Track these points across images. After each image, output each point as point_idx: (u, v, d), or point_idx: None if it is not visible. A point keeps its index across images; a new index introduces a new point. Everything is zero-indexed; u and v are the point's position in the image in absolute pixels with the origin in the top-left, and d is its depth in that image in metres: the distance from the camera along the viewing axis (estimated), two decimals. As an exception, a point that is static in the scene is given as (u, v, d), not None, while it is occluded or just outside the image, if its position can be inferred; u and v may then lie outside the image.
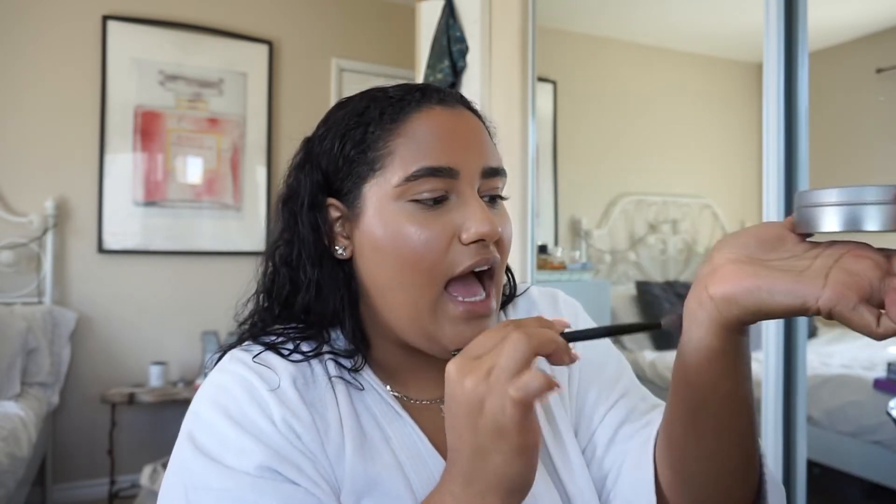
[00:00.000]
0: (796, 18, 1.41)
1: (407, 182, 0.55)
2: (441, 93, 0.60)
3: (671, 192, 3.58)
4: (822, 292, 0.39)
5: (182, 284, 3.06)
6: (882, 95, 2.91)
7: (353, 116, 0.59)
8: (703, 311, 0.44)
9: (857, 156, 3.06)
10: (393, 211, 0.55)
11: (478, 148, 0.58)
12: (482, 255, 0.55)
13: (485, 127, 0.62)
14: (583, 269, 2.23)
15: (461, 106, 0.60)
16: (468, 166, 0.56)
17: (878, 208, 0.39)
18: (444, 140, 0.56)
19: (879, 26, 2.92)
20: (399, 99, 0.58)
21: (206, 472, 0.50)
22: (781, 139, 1.41)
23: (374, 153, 0.56)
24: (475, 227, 0.54)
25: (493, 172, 0.58)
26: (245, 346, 0.59)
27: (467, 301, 0.56)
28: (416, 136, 0.56)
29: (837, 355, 2.72)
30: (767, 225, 0.46)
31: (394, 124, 0.57)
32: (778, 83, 1.41)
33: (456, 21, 2.33)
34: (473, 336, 0.53)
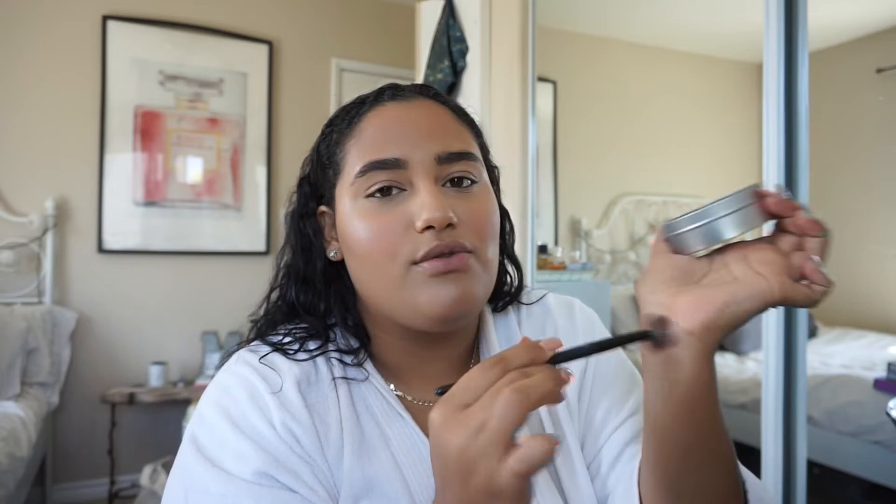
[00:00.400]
0: (796, 18, 1.41)
1: (357, 179, 0.56)
2: (397, 88, 0.61)
3: (671, 192, 3.58)
4: (770, 286, 0.43)
5: (182, 284, 3.06)
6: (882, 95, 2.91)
7: (326, 126, 0.63)
8: (687, 349, 0.44)
9: (857, 156, 3.07)
10: (353, 209, 0.57)
11: (429, 135, 0.57)
12: (439, 240, 0.54)
13: (452, 113, 0.61)
14: (583, 269, 2.23)
15: (421, 97, 0.60)
16: (417, 155, 0.56)
17: (729, 218, 0.45)
18: (389, 133, 0.57)
19: (879, 26, 2.92)
20: (359, 103, 0.61)
21: (205, 475, 0.50)
22: (781, 139, 1.41)
23: (336, 157, 0.59)
24: (424, 213, 0.54)
25: (452, 158, 0.57)
26: (252, 347, 0.60)
27: (433, 260, 0.54)
28: (365, 134, 0.58)
29: (837, 355, 2.72)
30: (662, 255, 0.48)
31: (349, 127, 0.59)
32: (778, 83, 1.41)
33: (456, 21, 2.33)
34: (451, 294, 0.54)
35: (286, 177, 3.26)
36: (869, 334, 2.98)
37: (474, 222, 0.57)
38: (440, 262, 0.54)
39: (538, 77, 2.33)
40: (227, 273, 3.14)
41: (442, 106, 0.61)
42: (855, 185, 3.06)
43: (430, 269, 0.54)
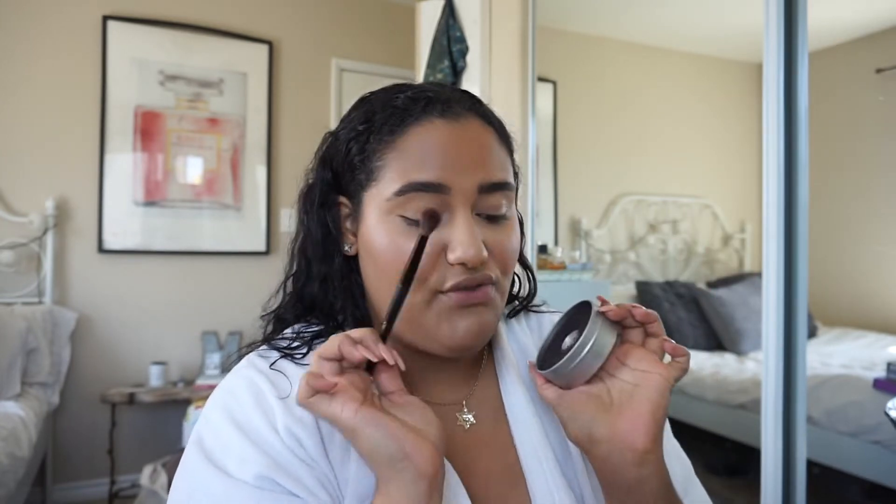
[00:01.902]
0: (796, 18, 1.41)
1: (397, 196, 0.54)
2: (446, 103, 0.57)
3: (671, 192, 3.58)
4: (662, 378, 0.53)
5: (182, 284, 3.06)
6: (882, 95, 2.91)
7: (362, 121, 0.58)
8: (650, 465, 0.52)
9: (857, 156, 3.07)
10: (386, 224, 0.56)
11: (476, 162, 0.56)
12: (468, 276, 0.54)
13: (497, 136, 0.60)
14: (583, 269, 2.23)
15: (470, 115, 0.58)
16: (462, 182, 0.55)
17: (596, 347, 0.54)
18: (436, 155, 0.55)
19: (879, 26, 2.92)
20: (403, 109, 0.57)
21: (208, 477, 0.51)
22: (781, 139, 1.41)
23: (371, 164, 0.57)
24: (460, 250, 0.53)
25: (493, 188, 0.56)
26: (262, 352, 0.60)
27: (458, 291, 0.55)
28: (409, 150, 0.55)
29: (837, 355, 2.72)
30: (559, 394, 0.56)
31: (391, 136, 0.56)
32: (778, 83, 1.41)
33: (456, 21, 2.33)
34: (470, 327, 0.56)
35: (286, 177, 3.26)
36: (869, 334, 2.99)
37: (501, 255, 0.57)
38: (464, 296, 0.55)
39: (538, 77, 2.33)
40: (227, 273, 3.14)
41: (488, 126, 0.59)
42: (855, 185, 3.06)
43: (455, 301, 0.55)
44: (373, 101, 0.60)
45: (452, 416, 0.61)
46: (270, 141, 3.23)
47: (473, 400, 0.63)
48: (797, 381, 1.40)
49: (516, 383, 0.63)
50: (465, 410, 0.62)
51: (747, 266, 3.73)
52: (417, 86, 0.60)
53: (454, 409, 0.62)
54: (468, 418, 0.62)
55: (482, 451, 0.60)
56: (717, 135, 3.67)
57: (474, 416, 0.62)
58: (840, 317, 3.16)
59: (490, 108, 0.62)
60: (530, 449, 0.59)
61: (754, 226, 3.71)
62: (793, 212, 1.41)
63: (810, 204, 1.40)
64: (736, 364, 2.88)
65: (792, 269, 1.41)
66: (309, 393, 0.49)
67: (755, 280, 3.29)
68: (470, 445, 0.60)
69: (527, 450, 0.59)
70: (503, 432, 0.61)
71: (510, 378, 0.63)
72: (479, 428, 0.61)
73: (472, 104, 0.59)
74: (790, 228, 1.41)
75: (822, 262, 2.67)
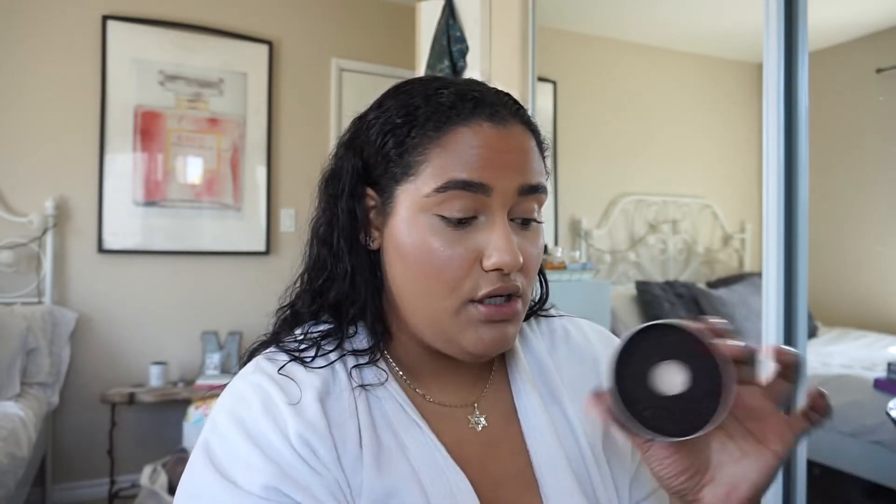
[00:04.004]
0: (796, 18, 1.41)
1: (437, 193, 0.53)
2: (494, 107, 0.56)
3: (671, 192, 3.58)
4: (776, 455, 0.46)
5: (182, 284, 3.06)
6: (882, 95, 2.91)
7: (402, 113, 0.56)
8: None
9: (857, 156, 3.07)
10: (420, 221, 0.54)
11: (518, 165, 0.55)
12: (502, 283, 0.54)
13: (536, 142, 0.59)
14: (583, 269, 2.23)
15: (515, 120, 0.57)
16: (503, 184, 0.54)
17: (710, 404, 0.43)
18: (481, 156, 0.54)
19: (879, 26, 2.92)
20: (449, 107, 0.55)
21: (214, 485, 0.50)
22: (781, 139, 1.41)
23: (411, 158, 0.55)
24: (497, 256, 0.53)
25: (531, 190, 0.56)
26: (270, 354, 0.59)
27: (489, 305, 0.55)
28: (455, 149, 0.54)
29: (837, 355, 2.72)
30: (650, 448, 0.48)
31: (436, 133, 0.54)
32: (778, 83, 1.41)
33: (456, 21, 2.33)
34: (494, 339, 0.55)
35: (286, 177, 3.27)
36: (869, 334, 2.98)
37: (529, 263, 0.56)
38: (494, 310, 0.54)
39: (538, 77, 2.33)
40: (227, 273, 3.14)
41: (529, 132, 0.58)
42: (855, 185, 3.06)
43: (485, 316, 0.54)
44: (412, 92, 0.58)
45: (464, 417, 0.61)
46: (270, 141, 3.23)
47: (485, 402, 0.63)
48: (797, 381, 1.40)
49: (528, 388, 0.62)
50: (476, 413, 0.62)
51: (747, 266, 3.73)
52: (461, 82, 0.59)
53: (465, 412, 0.61)
54: (480, 420, 0.61)
55: (493, 454, 0.60)
56: (717, 135, 3.67)
57: (486, 418, 0.61)
58: (840, 317, 3.16)
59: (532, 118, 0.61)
60: (544, 454, 0.59)
61: (754, 226, 3.71)
62: (793, 212, 1.41)
63: (810, 204, 1.40)
64: (736, 364, 2.88)
65: (792, 269, 1.41)
66: None
67: (755, 280, 3.29)
68: (481, 447, 0.60)
69: (540, 454, 0.59)
70: (515, 436, 0.61)
71: (522, 382, 0.63)
72: (491, 431, 0.61)
73: (517, 110, 0.58)
74: (790, 228, 1.41)
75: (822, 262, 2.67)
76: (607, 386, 0.45)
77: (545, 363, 0.65)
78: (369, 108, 0.61)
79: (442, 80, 0.59)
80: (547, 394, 0.63)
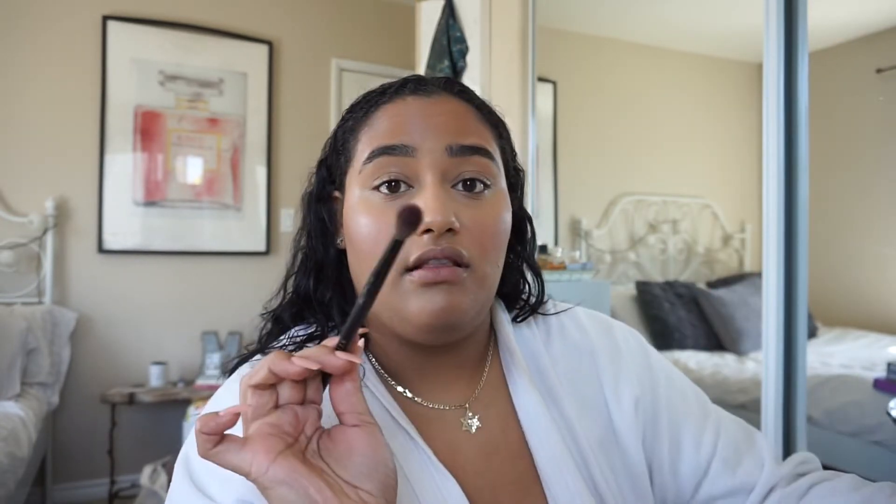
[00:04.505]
0: (796, 18, 1.41)
1: (364, 165, 0.54)
2: (421, 82, 0.58)
3: (671, 192, 3.58)
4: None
5: (182, 284, 3.06)
6: (882, 95, 2.91)
7: (347, 111, 0.61)
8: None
9: (857, 156, 3.06)
10: (359, 201, 0.55)
11: (444, 127, 0.54)
12: (434, 244, 0.51)
13: (476, 111, 0.58)
14: (583, 269, 2.23)
15: (444, 92, 0.57)
16: (427, 144, 0.53)
17: None
18: (403, 122, 0.55)
19: (879, 26, 2.92)
20: (380, 92, 0.58)
21: (190, 499, 0.49)
22: (781, 139, 1.41)
23: (349, 143, 0.58)
24: (425, 216, 0.49)
25: (464, 151, 0.54)
26: (254, 362, 0.58)
27: (424, 269, 0.51)
28: (379, 123, 0.56)
29: (837, 355, 2.71)
30: None
31: (365, 116, 0.57)
32: (778, 83, 1.41)
33: (456, 21, 2.33)
34: (438, 307, 0.51)
35: (286, 177, 3.26)
36: (869, 334, 2.98)
37: (478, 231, 0.53)
38: (430, 272, 0.51)
39: (538, 77, 2.33)
40: (227, 273, 3.14)
41: (465, 103, 0.58)
42: (855, 185, 3.06)
43: (419, 279, 0.51)
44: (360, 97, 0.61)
45: (455, 419, 0.58)
46: (270, 141, 3.23)
47: (478, 403, 0.60)
48: (797, 381, 1.40)
49: (528, 388, 0.59)
50: (468, 414, 0.59)
51: (747, 266, 3.73)
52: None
53: (457, 413, 0.58)
54: (473, 422, 0.58)
55: (491, 458, 0.57)
56: (717, 135, 3.67)
57: (479, 419, 0.59)
58: (840, 317, 3.16)
59: (474, 93, 0.61)
60: (548, 456, 0.56)
61: (754, 226, 3.71)
62: (793, 212, 1.41)
63: (810, 204, 1.40)
64: (736, 364, 2.88)
65: (792, 269, 1.41)
66: (208, 444, 0.41)
67: (755, 280, 3.29)
68: (477, 451, 0.57)
69: (544, 456, 0.56)
70: (514, 438, 0.58)
71: (521, 381, 0.60)
72: (486, 433, 0.58)
73: (448, 84, 0.59)
74: (790, 228, 1.41)
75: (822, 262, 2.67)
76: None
77: (542, 360, 0.63)
78: None
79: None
80: (545, 392, 0.61)
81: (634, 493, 0.60)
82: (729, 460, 0.62)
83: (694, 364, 2.87)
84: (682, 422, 0.64)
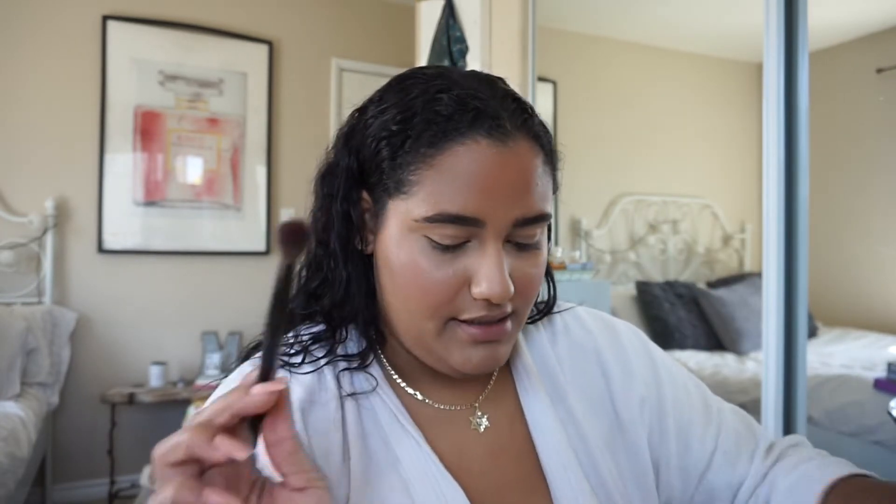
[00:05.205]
0: (796, 18, 1.41)
1: (426, 222, 0.50)
2: (496, 119, 0.51)
3: (671, 192, 3.58)
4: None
5: (182, 284, 3.06)
6: (882, 95, 2.91)
7: (398, 118, 0.52)
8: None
9: (857, 156, 3.06)
10: (410, 240, 0.52)
11: (517, 194, 0.51)
12: (489, 311, 0.52)
13: (545, 157, 0.55)
14: (583, 269, 2.23)
15: (520, 134, 0.52)
16: (497, 216, 0.50)
17: None
18: (475, 185, 0.49)
19: (879, 26, 2.92)
20: (446, 118, 0.50)
21: None
22: (781, 139, 1.41)
23: (403, 175, 0.51)
24: (486, 286, 0.50)
25: (529, 222, 0.52)
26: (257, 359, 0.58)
27: (475, 326, 0.52)
28: (448, 173, 0.49)
29: (837, 355, 2.71)
30: None
31: (430, 149, 0.50)
32: (778, 83, 1.41)
33: (456, 21, 2.33)
34: (483, 360, 0.53)
35: (286, 177, 3.27)
36: (869, 334, 2.98)
37: (526, 286, 0.54)
38: (481, 331, 0.52)
39: (538, 77, 2.33)
40: (227, 273, 3.14)
41: (537, 147, 0.54)
42: (855, 185, 3.06)
43: (469, 337, 0.52)
44: (411, 90, 0.53)
45: (465, 419, 0.59)
46: (270, 141, 3.23)
47: (487, 403, 0.60)
48: (797, 381, 1.40)
49: (536, 388, 0.60)
50: (478, 413, 0.59)
51: (747, 266, 3.73)
52: (464, 84, 0.53)
53: (466, 413, 0.59)
54: (482, 421, 0.59)
55: (497, 459, 0.57)
56: (717, 135, 3.67)
57: (488, 419, 0.59)
58: (840, 317, 3.16)
59: (540, 121, 0.56)
60: (554, 456, 0.57)
61: (754, 226, 3.71)
62: (793, 212, 1.41)
63: (810, 204, 1.40)
64: (736, 364, 2.88)
65: (792, 269, 1.41)
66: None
67: (755, 280, 3.29)
68: (484, 450, 0.58)
69: (550, 457, 0.57)
70: (520, 437, 0.59)
71: (529, 382, 0.61)
72: (494, 432, 0.59)
73: (524, 120, 0.53)
74: (790, 228, 1.41)
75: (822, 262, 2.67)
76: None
77: (549, 360, 0.63)
78: (369, 99, 0.57)
79: (446, 77, 0.54)
80: (553, 391, 0.61)
81: (640, 491, 0.60)
82: (729, 453, 0.63)
83: (694, 364, 2.87)
84: (688, 418, 0.64)
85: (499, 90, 0.54)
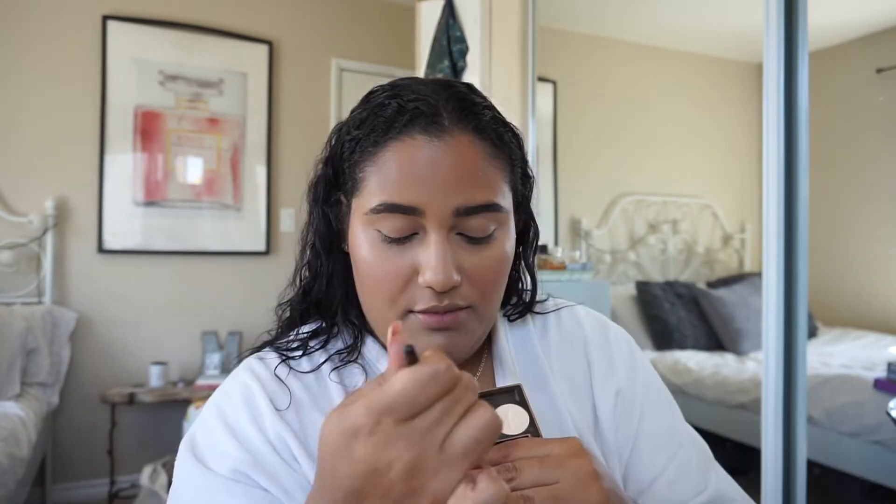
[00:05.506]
0: (796, 18, 1.41)
1: (372, 213, 0.54)
2: (433, 117, 0.53)
3: (671, 192, 3.58)
4: None
5: (182, 284, 3.06)
6: (882, 95, 2.91)
7: (357, 125, 0.57)
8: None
9: (857, 155, 3.06)
10: (366, 234, 0.56)
11: (455, 183, 0.52)
12: (437, 301, 0.54)
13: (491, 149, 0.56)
14: (583, 269, 2.23)
15: (457, 129, 0.54)
16: (437, 205, 0.52)
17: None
18: (410, 176, 0.52)
19: (879, 26, 2.92)
20: (387, 120, 0.54)
21: (190, 469, 0.54)
22: (781, 139, 1.41)
23: (356, 174, 0.56)
24: (429, 274, 0.52)
25: (471, 211, 0.53)
26: (261, 355, 0.62)
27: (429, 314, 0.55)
28: (386, 168, 0.53)
29: (837, 355, 2.72)
30: None
31: (373, 148, 0.54)
32: (778, 83, 1.41)
33: (456, 21, 2.33)
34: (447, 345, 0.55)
35: (286, 177, 3.27)
36: (869, 334, 2.98)
37: (480, 279, 0.55)
38: (433, 319, 0.55)
39: (538, 77, 2.33)
40: (227, 273, 3.14)
41: (480, 139, 0.55)
42: (855, 185, 3.06)
43: (424, 323, 0.55)
44: (373, 100, 0.57)
45: None
46: (270, 141, 3.23)
47: None
48: (797, 381, 1.40)
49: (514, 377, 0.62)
50: None
51: (747, 266, 3.73)
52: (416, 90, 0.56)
53: None
54: None
55: None
56: (717, 135, 3.67)
57: None
58: (840, 317, 3.16)
59: (490, 114, 0.57)
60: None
61: (754, 226, 3.71)
62: (793, 212, 1.41)
63: (810, 204, 1.40)
64: (736, 364, 2.88)
65: (792, 269, 1.41)
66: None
67: (755, 280, 3.29)
68: None
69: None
70: None
71: (504, 373, 0.63)
72: None
73: (463, 118, 0.54)
74: (790, 228, 1.41)
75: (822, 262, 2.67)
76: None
77: (534, 351, 0.66)
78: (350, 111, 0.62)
79: (401, 87, 0.57)
80: (534, 380, 0.63)
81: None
82: (673, 483, 0.62)
83: (694, 364, 2.87)
84: (649, 432, 0.65)
85: (451, 94, 0.56)
